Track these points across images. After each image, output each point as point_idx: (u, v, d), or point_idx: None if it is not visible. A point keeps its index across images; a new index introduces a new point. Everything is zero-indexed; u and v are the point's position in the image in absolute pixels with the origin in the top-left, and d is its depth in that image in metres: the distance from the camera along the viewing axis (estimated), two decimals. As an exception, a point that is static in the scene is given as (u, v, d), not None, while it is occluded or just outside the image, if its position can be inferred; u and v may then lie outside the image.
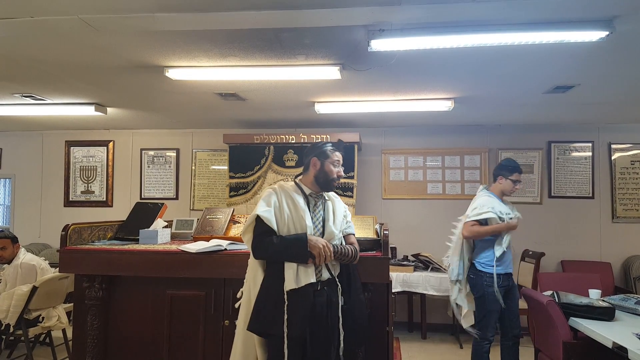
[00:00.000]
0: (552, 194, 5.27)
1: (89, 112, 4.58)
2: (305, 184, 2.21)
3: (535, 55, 3.00)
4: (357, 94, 4.06)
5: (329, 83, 3.64)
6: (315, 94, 4.09)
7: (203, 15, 2.35)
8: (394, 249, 5.20)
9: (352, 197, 4.94)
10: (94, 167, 6.01)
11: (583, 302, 2.88)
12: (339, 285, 2.09)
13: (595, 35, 2.48)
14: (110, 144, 5.99)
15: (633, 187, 5.22)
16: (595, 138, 5.26)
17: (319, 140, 4.73)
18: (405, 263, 4.81)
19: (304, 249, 1.99)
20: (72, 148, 6.05)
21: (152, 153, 5.94)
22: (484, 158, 5.34)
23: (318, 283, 2.03)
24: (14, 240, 3.79)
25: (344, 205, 2.33)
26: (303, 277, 1.99)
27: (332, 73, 3.27)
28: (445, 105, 4.21)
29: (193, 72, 3.32)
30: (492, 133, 5.39)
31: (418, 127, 5.46)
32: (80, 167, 6.04)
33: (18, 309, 3.53)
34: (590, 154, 5.26)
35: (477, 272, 3.19)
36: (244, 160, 5.13)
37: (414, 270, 4.62)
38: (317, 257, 2.00)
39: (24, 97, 4.24)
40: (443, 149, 5.44)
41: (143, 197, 5.88)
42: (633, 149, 5.23)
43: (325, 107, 4.36)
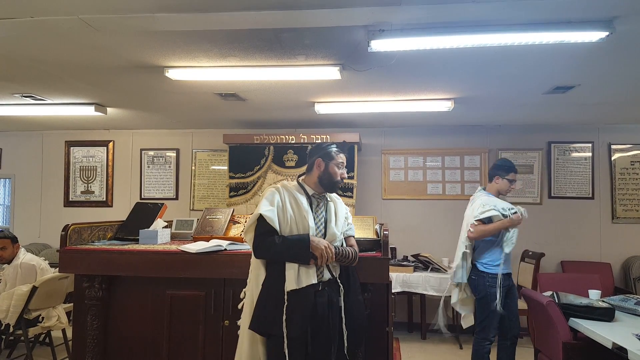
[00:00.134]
0: (552, 195, 5.28)
1: (89, 112, 4.59)
2: (309, 184, 2.20)
3: (535, 56, 3.00)
4: (357, 94, 4.06)
5: (329, 83, 3.64)
6: (315, 94, 4.09)
7: (203, 16, 2.35)
8: (394, 250, 5.20)
9: (352, 197, 4.94)
10: (94, 167, 6.01)
11: (583, 302, 2.88)
12: (341, 286, 2.09)
13: (595, 36, 2.48)
14: (110, 144, 5.99)
15: (633, 187, 5.22)
16: (595, 138, 5.27)
17: (323, 141, 4.74)
18: (405, 263, 4.81)
19: (306, 250, 1.98)
20: (72, 148, 6.05)
21: (152, 153, 5.94)
22: (484, 158, 5.34)
23: (319, 284, 2.03)
24: (14, 240, 3.79)
25: (346, 207, 2.33)
26: (304, 277, 1.99)
27: (332, 73, 3.28)
28: (445, 106, 4.21)
29: (193, 72, 3.32)
30: (492, 133, 5.39)
31: (418, 127, 5.47)
32: (80, 167, 6.04)
33: (18, 309, 3.53)
34: (590, 155, 5.26)
35: (478, 273, 3.19)
36: (244, 161, 5.13)
37: (414, 271, 4.62)
38: (319, 258, 2.00)
39: (24, 97, 4.24)
40: (443, 149, 5.44)
41: (143, 197, 5.88)
42: (633, 150, 5.23)
43: (325, 107, 4.36)
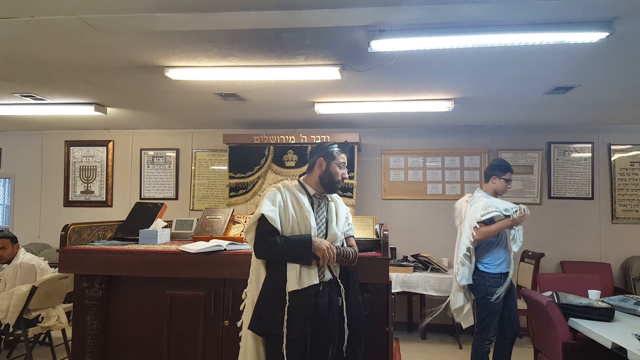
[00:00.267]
0: (551, 195, 5.28)
1: (89, 112, 4.59)
2: (310, 184, 2.19)
3: (536, 56, 3.00)
4: (357, 95, 4.06)
5: (329, 83, 3.64)
6: (315, 94, 4.09)
7: (203, 16, 2.35)
8: (394, 250, 5.21)
9: (351, 197, 4.94)
10: (94, 167, 6.01)
11: (582, 302, 2.88)
12: (341, 286, 2.09)
13: (596, 36, 2.48)
14: (110, 144, 5.99)
15: (633, 188, 5.22)
16: (595, 139, 5.27)
17: (324, 141, 4.73)
18: (405, 263, 4.81)
19: (308, 251, 1.98)
20: (71, 148, 6.05)
21: (151, 153, 5.93)
22: (484, 159, 5.34)
23: (320, 284, 2.03)
24: (14, 240, 3.79)
25: (346, 207, 2.32)
26: (306, 278, 1.98)
27: (332, 73, 3.28)
28: (445, 106, 4.22)
29: (193, 72, 3.32)
30: (492, 134, 5.39)
31: (418, 127, 5.47)
32: (80, 167, 6.03)
33: (17, 309, 3.53)
34: (590, 155, 5.26)
35: (479, 273, 3.18)
36: (244, 161, 5.13)
37: (414, 271, 4.62)
38: (321, 258, 1.99)
39: (24, 96, 4.24)
40: (443, 150, 5.44)
41: (143, 197, 5.88)
42: (633, 150, 5.23)
43: (325, 107, 4.36)
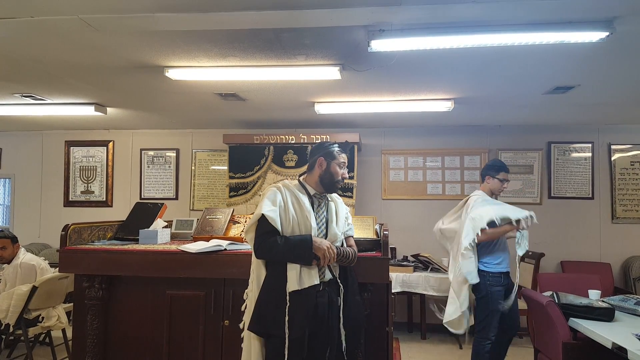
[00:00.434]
0: (551, 195, 5.27)
1: (89, 112, 4.59)
2: (310, 184, 2.19)
3: (536, 56, 3.00)
4: (357, 95, 4.06)
5: (329, 83, 3.64)
6: (315, 94, 4.09)
7: (203, 16, 2.35)
8: (394, 250, 5.21)
9: (351, 197, 4.94)
10: (94, 167, 6.01)
11: (583, 302, 2.88)
12: (340, 286, 2.08)
13: (596, 36, 2.48)
14: (110, 144, 5.99)
15: (633, 187, 5.22)
16: (595, 139, 5.27)
17: (325, 140, 4.73)
18: (405, 263, 4.81)
19: (309, 251, 1.97)
20: (72, 148, 6.05)
21: (152, 153, 5.93)
22: (484, 159, 5.34)
23: (320, 284, 2.02)
24: (14, 240, 3.79)
25: (346, 207, 2.32)
26: (306, 278, 1.98)
27: (332, 73, 3.28)
28: (445, 106, 4.21)
29: (193, 72, 3.32)
30: (492, 134, 5.39)
31: (418, 127, 5.47)
32: (80, 167, 6.03)
33: (18, 309, 3.53)
34: (590, 155, 5.26)
35: (479, 272, 3.18)
36: (244, 161, 5.13)
37: (414, 271, 4.62)
38: (321, 259, 1.99)
39: (24, 97, 4.24)
40: (443, 150, 5.44)
41: (143, 197, 5.88)
42: (633, 150, 5.23)
43: (325, 107, 4.36)
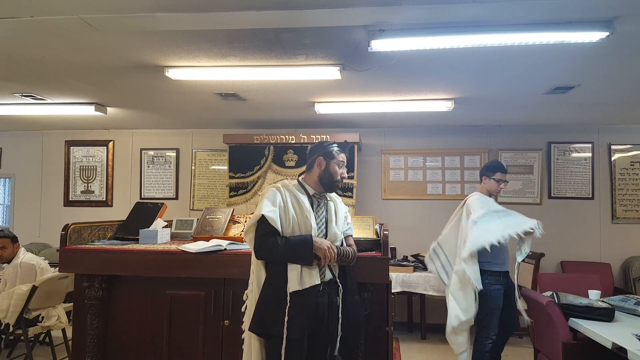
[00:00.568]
0: (551, 195, 5.27)
1: (89, 111, 4.58)
2: (309, 184, 2.19)
3: (536, 56, 3.00)
4: (357, 94, 4.06)
5: (329, 83, 3.64)
6: (315, 94, 4.09)
7: (203, 15, 2.35)
8: (394, 250, 5.21)
9: (351, 197, 4.94)
10: (94, 167, 6.01)
11: (583, 302, 2.88)
12: (340, 286, 2.08)
13: (596, 36, 2.48)
14: (110, 144, 5.99)
15: (633, 188, 5.22)
16: (595, 139, 5.26)
17: (324, 140, 4.73)
18: (405, 263, 4.81)
19: (310, 251, 1.97)
20: (72, 148, 6.04)
21: (152, 153, 5.93)
22: (484, 159, 5.34)
23: (320, 284, 2.02)
24: (14, 240, 3.79)
25: (345, 207, 2.32)
26: (307, 278, 1.97)
27: (332, 73, 3.28)
28: (445, 106, 4.21)
29: (193, 72, 3.32)
30: (492, 134, 5.39)
31: (418, 127, 5.47)
32: (80, 166, 6.03)
33: (18, 309, 3.53)
34: (590, 155, 5.26)
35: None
36: (244, 161, 5.13)
37: (414, 271, 4.62)
38: (322, 258, 1.99)
39: (24, 96, 4.24)
40: (443, 150, 5.44)
41: (143, 197, 5.88)
42: (633, 150, 5.23)
43: (325, 107, 4.36)
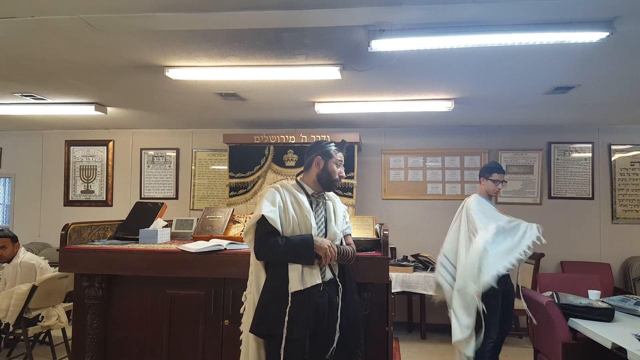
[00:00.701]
0: (551, 195, 5.27)
1: (89, 111, 4.58)
2: (307, 183, 2.19)
3: (536, 56, 3.00)
4: (357, 94, 4.06)
5: (329, 83, 3.64)
6: (316, 94, 4.09)
7: (203, 15, 2.35)
8: (394, 249, 5.20)
9: (351, 197, 4.94)
10: (94, 166, 6.01)
11: (582, 303, 2.88)
12: (340, 286, 2.08)
13: (596, 36, 2.48)
14: (110, 144, 5.99)
15: (633, 188, 5.22)
16: (595, 139, 5.26)
17: (322, 139, 4.73)
18: (405, 263, 4.81)
19: (311, 250, 1.97)
20: (72, 147, 6.04)
21: (152, 153, 5.93)
22: (484, 159, 5.34)
23: (321, 284, 2.02)
24: (14, 240, 3.79)
25: (344, 206, 2.32)
26: (308, 278, 1.97)
27: (332, 73, 3.28)
28: (446, 106, 4.21)
29: (193, 72, 3.32)
30: (492, 134, 5.39)
31: (418, 127, 5.47)
32: (80, 166, 6.03)
33: (18, 308, 3.53)
34: (590, 155, 5.26)
35: None
36: (244, 160, 5.13)
37: (414, 271, 4.61)
38: (323, 258, 1.99)
39: (24, 96, 4.24)
40: (443, 150, 5.44)
41: (143, 196, 5.88)
42: (633, 150, 5.23)
43: (326, 107, 4.36)
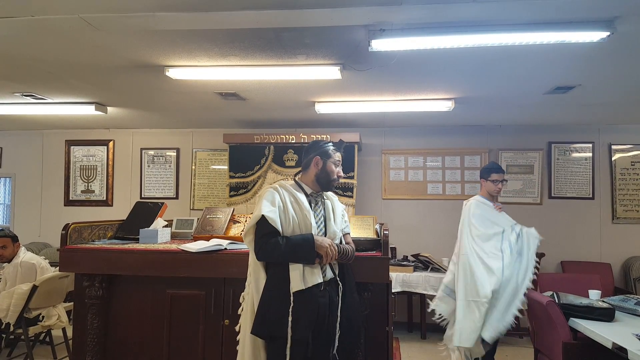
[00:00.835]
0: (552, 195, 5.27)
1: (89, 111, 4.59)
2: (306, 183, 2.19)
3: (536, 56, 3.00)
4: (357, 94, 4.06)
5: (330, 83, 3.64)
6: (316, 94, 4.08)
7: (203, 15, 2.35)
8: (394, 249, 5.20)
9: (352, 197, 4.94)
10: (94, 166, 6.01)
11: (583, 302, 2.88)
12: (340, 285, 2.08)
13: (596, 36, 2.48)
14: (111, 144, 5.99)
15: (633, 188, 5.21)
16: (596, 139, 5.26)
17: (321, 139, 4.72)
18: (405, 263, 4.81)
19: (312, 250, 1.97)
20: (72, 147, 6.05)
21: (152, 152, 5.93)
22: (484, 159, 5.34)
23: (322, 283, 2.02)
24: (14, 239, 3.79)
25: (342, 205, 2.33)
26: (309, 277, 1.97)
27: (332, 73, 3.27)
28: (446, 106, 4.21)
29: (193, 71, 3.32)
30: (492, 133, 5.38)
31: (418, 127, 5.46)
32: (81, 166, 6.04)
33: (18, 308, 3.53)
34: (591, 155, 5.26)
35: None
36: (244, 160, 5.14)
37: (414, 271, 4.62)
38: (324, 256, 1.99)
39: (25, 96, 4.24)
40: (443, 150, 5.44)
41: (143, 196, 5.88)
42: (633, 150, 5.23)
43: (326, 107, 4.36)
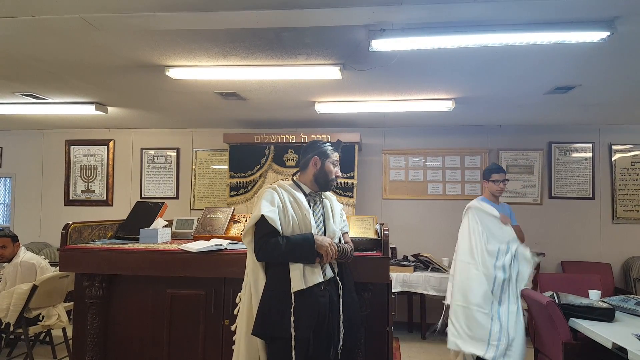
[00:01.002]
0: (552, 195, 5.27)
1: (90, 111, 4.59)
2: (305, 183, 2.19)
3: (536, 56, 3.00)
4: (357, 94, 4.06)
5: (330, 83, 3.64)
6: (316, 94, 4.08)
7: (204, 15, 2.35)
8: (394, 249, 5.20)
9: (352, 197, 4.94)
10: (95, 166, 6.01)
11: (583, 302, 2.88)
12: (340, 284, 2.08)
13: (597, 36, 2.48)
14: (111, 143, 5.99)
15: (633, 188, 5.21)
16: (596, 139, 5.26)
17: (320, 139, 4.72)
18: (405, 263, 4.81)
19: (312, 249, 1.97)
20: (72, 147, 6.05)
21: (152, 152, 5.93)
22: (485, 159, 5.34)
23: (322, 283, 2.01)
24: (14, 239, 3.79)
25: (340, 204, 2.34)
26: (310, 277, 1.97)
27: (332, 73, 3.27)
28: (446, 106, 4.21)
29: (194, 71, 3.32)
30: (492, 134, 5.38)
31: (418, 127, 5.46)
32: (81, 166, 6.04)
33: (18, 308, 3.53)
34: (591, 155, 5.25)
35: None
36: (244, 160, 5.14)
37: (414, 271, 4.62)
38: (324, 256, 1.99)
39: (25, 96, 4.24)
40: (443, 150, 5.44)
41: (143, 196, 5.88)
42: (633, 150, 5.23)
43: (326, 107, 4.36)
